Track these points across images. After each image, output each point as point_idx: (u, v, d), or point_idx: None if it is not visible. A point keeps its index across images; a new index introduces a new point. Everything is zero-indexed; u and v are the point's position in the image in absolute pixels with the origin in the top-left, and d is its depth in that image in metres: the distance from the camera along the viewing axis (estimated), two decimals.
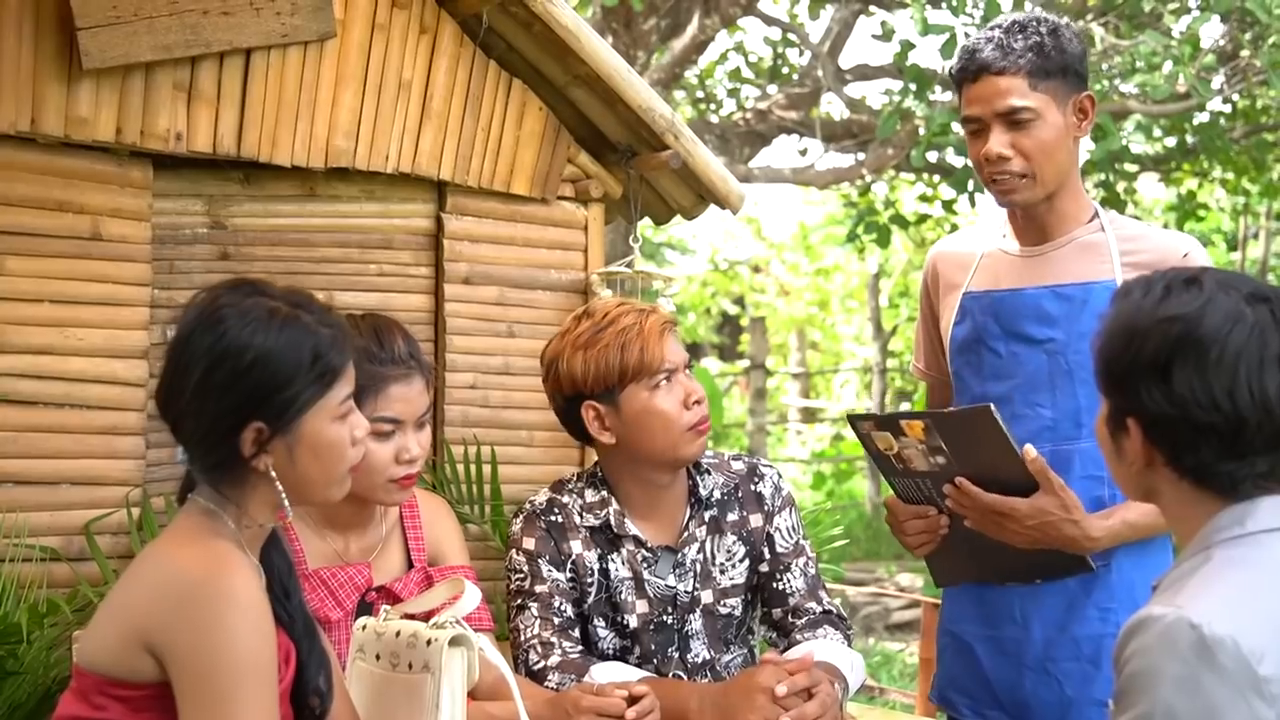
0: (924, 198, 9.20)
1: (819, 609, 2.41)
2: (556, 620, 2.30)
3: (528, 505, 2.39)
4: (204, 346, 1.66)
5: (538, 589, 2.31)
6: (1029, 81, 2.20)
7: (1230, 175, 9.08)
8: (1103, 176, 7.87)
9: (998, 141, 2.21)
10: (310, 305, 1.72)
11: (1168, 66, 5.99)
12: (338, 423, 1.71)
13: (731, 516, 2.41)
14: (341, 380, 1.71)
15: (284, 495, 1.69)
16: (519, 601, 2.32)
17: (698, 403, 2.31)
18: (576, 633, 2.33)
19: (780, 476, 2.49)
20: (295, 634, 1.77)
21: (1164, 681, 1.39)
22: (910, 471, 2.20)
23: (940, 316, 2.44)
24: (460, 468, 3.03)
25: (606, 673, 2.23)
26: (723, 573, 2.39)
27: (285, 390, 1.66)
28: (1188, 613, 1.40)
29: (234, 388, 1.64)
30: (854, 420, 2.26)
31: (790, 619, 2.40)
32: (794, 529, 2.44)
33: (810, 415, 16.85)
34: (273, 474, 1.68)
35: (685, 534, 2.38)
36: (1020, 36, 2.21)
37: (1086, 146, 6.38)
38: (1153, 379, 1.49)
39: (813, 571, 2.44)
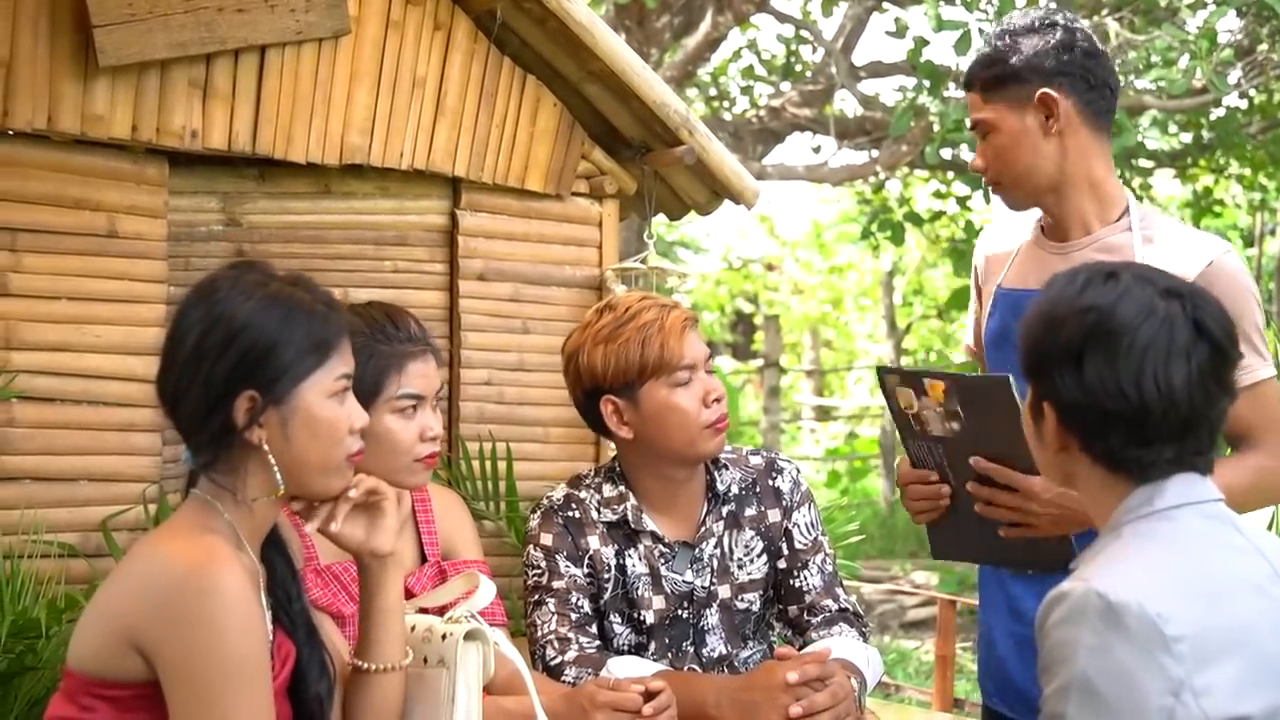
0: (938, 194, 9.18)
1: (835, 606, 2.40)
2: (574, 616, 2.29)
3: (545, 501, 2.38)
4: (197, 315, 1.66)
5: (555, 584, 2.30)
6: (982, 96, 2.30)
7: (1247, 171, 9.04)
8: (1118, 173, 7.84)
9: (977, 152, 2.34)
10: (308, 285, 1.72)
11: (1184, 61, 5.96)
12: (333, 400, 1.68)
13: (749, 511, 2.41)
14: (336, 356, 1.69)
15: (277, 470, 1.65)
16: (536, 597, 2.32)
17: (717, 400, 2.30)
18: (594, 628, 2.32)
19: (799, 472, 2.48)
20: (297, 639, 1.75)
21: (1079, 651, 1.46)
22: (925, 435, 2.21)
23: (982, 305, 2.45)
24: (475, 464, 3.03)
25: (623, 667, 2.23)
26: (740, 568, 2.39)
27: (278, 357, 1.64)
28: (1094, 584, 1.47)
29: (226, 353, 1.63)
30: (882, 373, 2.27)
31: (806, 616, 2.40)
32: (812, 525, 2.43)
33: (824, 413, 16.83)
34: (265, 447, 1.65)
35: (703, 529, 2.37)
36: (981, 52, 2.34)
37: None
38: (1066, 366, 1.55)
39: (830, 568, 2.43)
